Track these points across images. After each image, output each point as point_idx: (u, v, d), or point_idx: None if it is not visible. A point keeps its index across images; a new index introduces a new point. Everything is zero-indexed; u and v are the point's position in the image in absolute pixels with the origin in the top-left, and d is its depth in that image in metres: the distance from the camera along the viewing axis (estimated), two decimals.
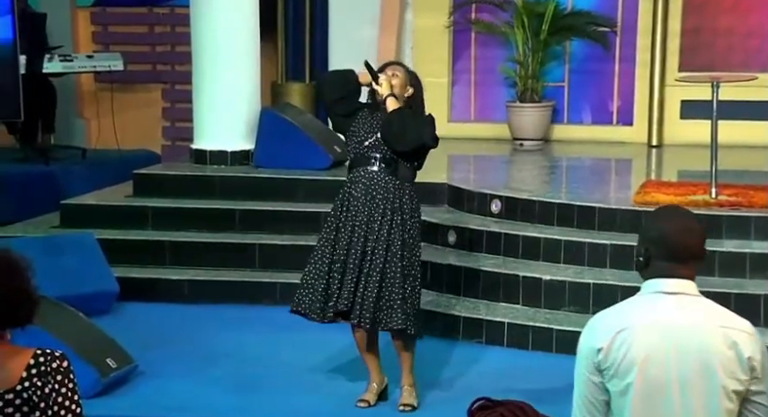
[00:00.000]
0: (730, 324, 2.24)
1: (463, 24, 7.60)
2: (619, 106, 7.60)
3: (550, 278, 4.97)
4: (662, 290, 2.24)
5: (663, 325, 2.21)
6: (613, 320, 2.24)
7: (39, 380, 1.98)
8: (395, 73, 4.08)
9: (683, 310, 2.23)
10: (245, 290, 5.47)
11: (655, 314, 2.22)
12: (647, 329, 2.20)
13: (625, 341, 2.19)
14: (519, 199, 5.54)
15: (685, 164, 6.68)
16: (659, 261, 2.25)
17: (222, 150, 6.42)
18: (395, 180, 4.00)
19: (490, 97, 7.70)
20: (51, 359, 2.01)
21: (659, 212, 2.39)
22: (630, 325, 2.21)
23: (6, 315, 2.04)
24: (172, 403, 4.13)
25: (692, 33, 7.40)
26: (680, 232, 2.25)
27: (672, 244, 2.25)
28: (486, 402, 1.67)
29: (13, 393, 1.99)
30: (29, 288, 2.06)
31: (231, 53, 6.34)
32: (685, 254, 2.25)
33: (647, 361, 2.18)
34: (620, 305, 2.30)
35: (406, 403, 4.04)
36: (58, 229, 5.92)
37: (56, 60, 7.31)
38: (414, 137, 3.95)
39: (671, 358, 2.19)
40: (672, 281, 2.24)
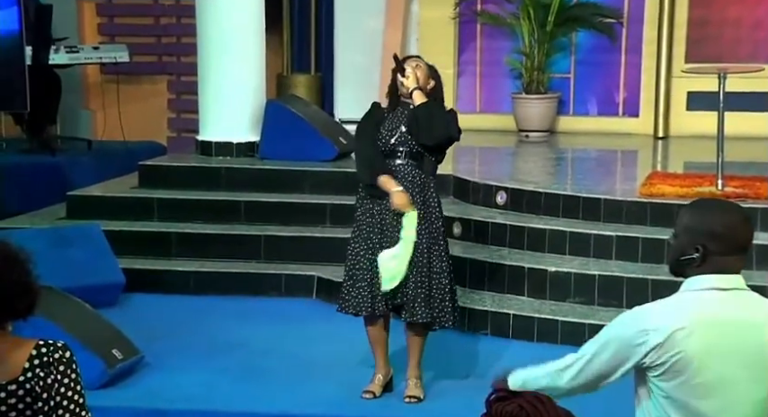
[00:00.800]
0: None
1: (469, 16, 7.58)
2: (625, 97, 7.58)
3: (556, 269, 4.96)
4: (715, 287, 2.20)
5: (721, 323, 2.17)
6: (673, 315, 2.17)
7: (41, 371, 1.98)
8: (418, 64, 4.07)
9: (739, 307, 2.20)
10: (251, 282, 5.48)
11: (713, 312, 2.18)
12: (706, 327, 2.16)
13: (682, 338, 2.15)
14: (524, 190, 5.53)
15: (691, 156, 6.66)
16: (719, 257, 2.20)
17: (228, 142, 6.42)
18: (421, 173, 4.02)
19: (496, 89, 7.69)
20: (54, 350, 2.01)
21: (712, 206, 2.30)
22: (689, 323, 2.16)
23: (5, 308, 2.03)
24: (178, 394, 4.15)
25: (698, 24, 7.37)
26: (741, 224, 2.22)
27: (739, 237, 2.22)
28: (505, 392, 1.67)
29: (16, 384, 1.99)
30: (28, 280, 2.05)
31: (237, 45, 6.33)
32: (746, 247, 2.23)
33: (705, 360, 2.15)
34: (674, 300, 2.22)
35: (412, 395, 4.06)
36: (64, 221, 5.93)
37: (62, 52, 7.32)
38: (441, 130, 3.95)
39: (729, 356, 2.16)
40: (726, 277, 2.21)
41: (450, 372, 4.39)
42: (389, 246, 3.98)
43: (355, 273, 4.03)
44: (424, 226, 3.97)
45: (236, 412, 4.00)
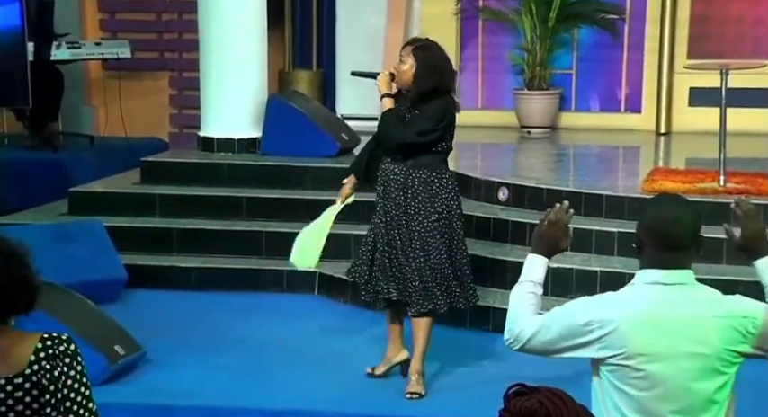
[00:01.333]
0: (724, 312, 2.24)
1: (471, 11, 7.57)
2: (627, 94, 7.57)
3: (558, 265, 4.96)
4: (658, 282, 2.25)
5: (658, 320, 2.22)
6: (614, 312, 2.25)
7: (47, 364, 1.99)
8: (401, 58, 4.08)
9: (679, 303, 2.24)
10: (253, 278, 5.48)
11: (651, 309, 2.23)
12: (644, 324, 2.21)
13: (620, 334, 2.21)
14: (526, 186, 5.53)
15: (693, 152, 6.66)
16: (652, 250, 2.27)
17: (229, 138, 6.42)
18: (403, 170, 4.07)
19: (498, 85, 7.68)
20: (59, 343, 2.01)
21: (654, 201, 2.41)
22: (626, 319, 2.22)
23: (4, 304, 2.03)
24: (180, 389, 4.15)
25: (700, 21, 7.36)
26: (669, 222, 2.26)
27: (662, 235, 2.26)
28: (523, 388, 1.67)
29: (23, 377, 1.99)
30: (27, 275, 2.05)
31: (238, 41, 6.33)
32: (675, 244, 2.25)
33: (643, 356, 2.20)
34: (618, 295, 2.31)
35: (413, 391, 4.07)
36: (65, 217, 5.93)
37: (63, 47, 7.31)
38: (398, 137, 4.03)
39: (670, 351, 2.20)
40: (668, 272, 2.25)
41: (451, 368, 4.39)
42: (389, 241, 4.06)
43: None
44: (399, 220, 4.04)
45: (237, 407, 4.01)
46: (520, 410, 1.61)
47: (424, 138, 4.03)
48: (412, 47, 4.08)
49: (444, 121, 4.06)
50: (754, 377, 2.36)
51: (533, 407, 1.60)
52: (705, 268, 4.82)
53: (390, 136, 4.05)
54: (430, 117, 4.04)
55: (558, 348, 2.29)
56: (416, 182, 4.05)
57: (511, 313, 2.37)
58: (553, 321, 2.31)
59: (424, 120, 4.03)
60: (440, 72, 4.04)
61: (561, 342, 2.29)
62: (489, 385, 4.20)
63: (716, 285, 4.96)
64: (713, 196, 5.15)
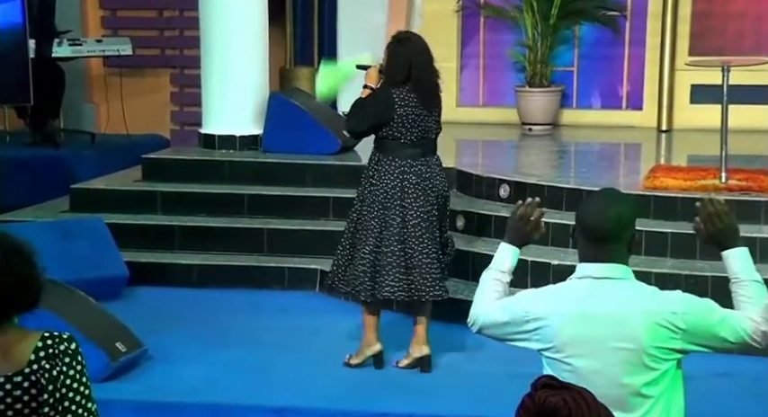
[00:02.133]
0: (654, 307, 2.25)
1: (472, 8, 7.56)
2: (628, 91, 7.57)
3: (559, 262, 4.96)
4: (589, 275, 2.29)
5: (586, 315, 2.25)
6: (545, 304, 2.30)
7: (47, 362, 1.98)
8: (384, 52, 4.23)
9: (607, 297, 2.26)
10: (254, 275, 5.48)
11: (579, 304, 2.26)
12: (571, 317, 2.25)
13: (551, 328, 2.26)
14: (528, 183, 5.53)
15: (695, 149, 6.65)
16: (582, 242, 2.31)
17: (231, 135, 6.42)
18: (373, 155, 4.23)
19: (499, 82, 7.67)
20: (59, 342, 2.01)
21: (590, 194, 2.46)
22: (557, 313, 2.26)
23: (8, 302, 2.03)
24: (181, 387, 4.15)
25: (702, 17, 7.35)
26: (591, 214, 2.30)
27: (583, 225, 2.30)
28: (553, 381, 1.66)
29: (22, 375, 1.99)
30: (31, 272, 2.04)
31: (240, 38, 6.32)
32: (596, 237, 2.28)
33: (571, 351, 2.24)
34: (553, 289, 2.36)
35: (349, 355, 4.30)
36: (67, 214, 5.94)
37: (65, 45, 7.31)
38: (346, 126, 4.32)
39: (593, 348, 2.23)
40: (598, 266, 2.27)
41: (451, 365, 4.39)
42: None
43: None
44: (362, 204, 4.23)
45: (239, 404, 4.01)
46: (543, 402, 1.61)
47: (358, 126, 4.20)
48: (391, 41, 4.20)
49: (379, 108, 4.13)
50: (754, 376, 2.35)
51: (557, 404, 1.60)
52: (706, 265, 4.83)
53: (347, 123, 4.31)
54: (362, 105, 4.19)
55: (507, 336, 2.37)
56: (369, 165, 4.24)
57: (476, 297, 2.46)
58: (504, 310, 2.38)
59: (356, 108, 4.21)
60: (404, 65, 4.10)
61: (508, 331, 2.36)
62: (489, 382, 4.20)
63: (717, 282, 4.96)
64: (715, 193, 5.15)
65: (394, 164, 4.16)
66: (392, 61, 4.10)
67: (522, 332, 2.32)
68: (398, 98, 4.13)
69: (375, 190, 4.17)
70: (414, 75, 4.10)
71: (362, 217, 4.18)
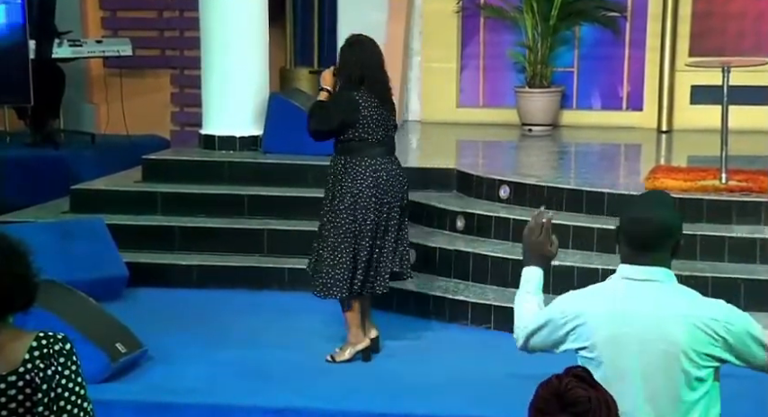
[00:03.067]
0: (696, 312, 2.23)
1: (472, 9, 7.56)
2: (628, 91, 7.56)
3: (559, 263, 4.95)
4: (631, 277, 2.26)
5: (625, 315, 2.23)
6: (584, 302, 2.29)
7: (41, 362, 1.98)
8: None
9: (648, 299, 2.24)
10: (254, 275, 5.48)
11: (620, 303, 2.24)
12: (610, 318, 2.23)
13: (589, 327, 2.23)
14: (527, 184, 5.52)
15: (695, 150, 6.65)
16: (623, 247, 2.29)
17: (231, 135, 6.42)
18: (334, 158, 4.33)
19: (499, 82, 7.67)
20: (54, 342, 2.00)
21: (634, 198, 2.47)
22: (596, 312, 2.24)
23: (3, 301, 2.02)
24: (181, 387, 4.15)
25: (702, 18, 7.35)
26: (634, 222, 2.27)
27: (626, 233, 2.28)
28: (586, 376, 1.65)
29: (16, 375, 1.99)
30: (26, 272, 2.04)
31: (240, 38, 6.33)
32: (638, 244, 2.26)
33: (609, 350, 2.22)
34: (593, 288, 2.34)
35: (331, 354, 4.38)
36: (67, 214, 5.93)
37: (65, 45, 7.32)
38: (308, 129, 4.31)
39: (632, 348, 2.21)
40: (640, 269, 2.25)
41: (451, 366, 4.39)
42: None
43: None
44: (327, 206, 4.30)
45: (238, 405, 4.01)
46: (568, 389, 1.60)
47: (321, 126, 4.25)
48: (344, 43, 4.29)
49: (343, 110, 4.22)
50: (756, 378, 2.35)
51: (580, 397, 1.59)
52: (707, 266, 4.83)
53: (307, 126, 4.31)
54: (324, 108, 4.26)
55: (550, 342, 2.34)
56: (338, 168, 4.28)
57: (515, 317, 2.44)
58: (542, 315, 2.36)
59: (317, 110, 4.27)
60: (356, 68, 4.21)
61: (550, 337, 2.34)
62: (491, 382, 4.20)
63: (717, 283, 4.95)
64: (715, 194, 5.15)
65: (364, 163, 4.24)
66: (344, 63, 4.22)
67: (561, 335, 2.30)
68: (361, 99, 4.23)
69: (347, 192, 4.23)
70: (367, 77, 4.22)
71: (336, 221, 4.24)
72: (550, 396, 1.60)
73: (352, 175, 4.22)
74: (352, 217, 4.22)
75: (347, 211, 4.22)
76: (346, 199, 4.22)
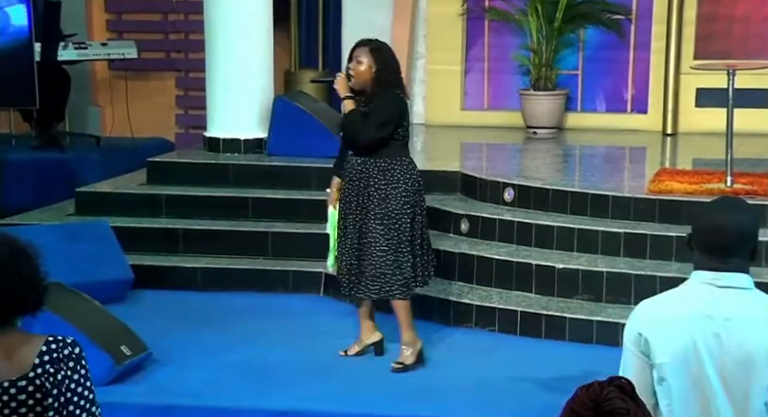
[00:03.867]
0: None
1: (477, 12, 7.56)
2: (633, 94, 7.55)
3: (563, 266, 4.96)
4: (711, 283, 2.20)
5: (708, 318, 2.17)
6: (659, 309, 2.22)
7: (51, 367, 1.98)
8: (357, 59, 4.29)
9: (731, 304, 2.19)
10: (259, 278, 5.49)
11: (701, 307, 2.19)
12: (690, 320, 2.17)
13: (670, 332, 2.17)
14: (532, 187, 5.52)
15: (700, 153, 6.64)
16: (700, 254, 2.23)
17: (235, 138, 6.43)
18: (365, 164, 4.29)
19: (503, 85, 7.67)
20: (63, 346, 2.00)
21: (709, 204, 2.33)
22: (674, 316, 2.18)
23: (13, 305, 2.03)
24: (186, 389, 4.16)
25: (707, 20, 7.34)
26: (710, 231, 2.22)
27: (705, 239, 2.22)
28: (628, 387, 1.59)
29: (26, 380, 1.98)
30: (36, 275, 2.04)
31: (244, 41, 6.33)
32: (716, 251, 2.21)
33: (689, 353, 2.16)
34: (668, 293, 2.27)
35: (398, 361, 4.32)
36: (73, 217, 5.94)
37: (70, 48, 7.33)
38: (360, 139, 4.27)
39: (713, 350, 2.16)
40: (720, 275, 2.20)
41: (455, 369, 4.38)
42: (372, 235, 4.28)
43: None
44: (360, 211, 4.27)
45: (243, 407, 4.01)
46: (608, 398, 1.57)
47: (384, 131, 4.24)
48: (368, 48, 4.29)
49: (399, 111, 4.29)
50: None
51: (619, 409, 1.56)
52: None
53: (357, 136, 4.26)
54: (386, 109, 4.25)
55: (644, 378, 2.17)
56: (375, 171, 4.26)
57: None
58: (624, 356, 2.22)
59: (382, 113, 4.24)
60: (395, 71, 4.30)
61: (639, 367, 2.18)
62: (493, 385, 4.19)
63: None
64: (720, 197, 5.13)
65: (404, 162, 4.31)
66: (383, 66, 4.24)
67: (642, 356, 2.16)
68: (405, 101, 4.34)
69: (395, 193, 4.25)
70: (400, 79, 4.33)
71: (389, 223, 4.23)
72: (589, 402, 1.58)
73: (397, 175, 4.25)
74: (407, 215, 4.24)
75: (401, 210, 4.24)
76: (397, 199, 4.23)
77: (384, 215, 4.24)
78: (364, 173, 4.28)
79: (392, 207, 4.24)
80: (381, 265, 4.24)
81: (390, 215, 4.24)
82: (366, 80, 4.25)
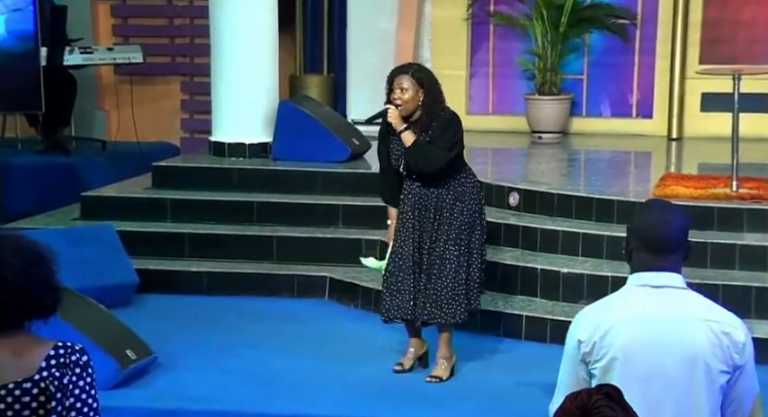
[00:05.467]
0: (715, 318, 2.23)
1: (482, 16, 7.56)
2: (638, 99, 7.55)
3: (568, 271, 4.95)
4: (647, 283, 2.25)
5: (646, 319, 2.21)
6: (599, 314, 2.26)
7: (57, 371, 1.99)
8: (401, 87, 4.21)
9: (667, 304, 2.23)
10: (264, 282, 5.49)
11: (638, 309, 2.23)
12: (631, 323, 2.21)
13: (608, 335, 2.21)
14: (537, 191, 5.52)
15: (706, 157, 6.63)
16: (639, 253, 2.27)
17: (240, 142, 6.44)
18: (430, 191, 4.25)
19: (509, 90, 7.67)
20: (71, 352, 2.01)
21: (643, 205, 2.42)
22: (614, 320, 2.22)
23: (33, 307, 2.03)
24: (191, 393, 4.16)
25: (713, 25, 7.33)
26: (656, 225, 2.26)
27: (648, 237, 2.26)
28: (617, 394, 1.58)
29: (31, 382, 1.99)
30: (53, 279, 2.05)
31: (250, 45, 6.34)
32: (661, 247, 2.25)
33: (630, 355, 2.20)
34: (607, 298, 2.32)
35: (433, 375, 4.26)
36: (78, 221, 5.95)
37: (76, 52, 7.34)
38: (435, 166, 4.20)
39: (653, 352, 2.19)
40: (657, 274, 2.24)
41: (461, 374, 4.38)
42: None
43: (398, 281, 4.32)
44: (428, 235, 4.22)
45: (248, 412, 4.01)
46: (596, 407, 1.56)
47: (455, 151, 4.24)
48: (409, 74, 4.22)
49: (460, 127, 4.29)
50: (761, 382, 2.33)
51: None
52: (718, 274, 4.81)
53: (432, 165, 4.19)
54: (450, 130, 4.23)
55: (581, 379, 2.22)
56: (446, 190, 4.24)
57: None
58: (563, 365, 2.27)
59: (449, 135, 4.22)
60: (440, 90, 4.27)
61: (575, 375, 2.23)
62: (498, 391, 4.19)
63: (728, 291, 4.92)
64: (726, 201, 5.13)
65: (473, 175, 4.34)
66: (429, 88, 4.20)
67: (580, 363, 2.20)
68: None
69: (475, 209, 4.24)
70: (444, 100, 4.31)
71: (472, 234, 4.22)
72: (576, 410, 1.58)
73: (467, 192, 4.23)
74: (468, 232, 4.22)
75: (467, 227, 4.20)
76: (465, 215, 4.20)
77: (456, 235, 4.18)
78: (434, 197, 4.21)
79: (462, 224, 4.19)
80: (455, 286, 4.18)
81: (461, 235, 4.19)
82: (415, 107, 4.19)
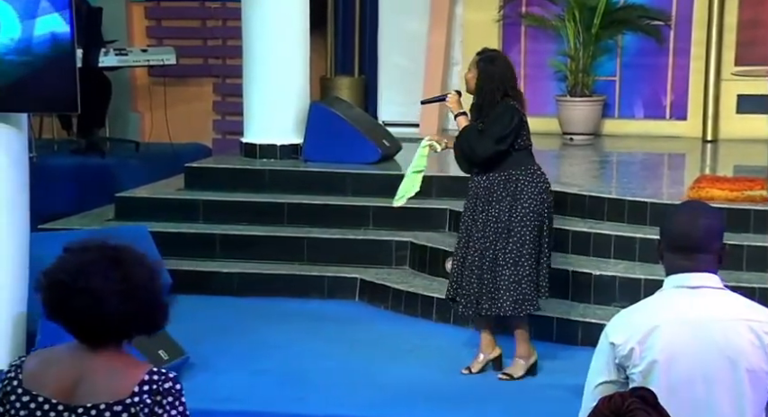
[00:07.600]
0: (756, 317, 2.20)
1: (513, 18, 7.54)
2: (672, 100, 7.48)
3: (600, 273, 4.91)
4: (684, 285, 2.23)
5: (686, 321, 2.19)
6: (638, 317, 2.23)
7: (149, 398, 1.95)
8: (469, 69, 4.28)
9: (707, 305, 2.21)
10: (294, 284, 5.51)
11: (678, 311, 2.21)
12: (671, 326, 2.19)
13: (649, 338, 2.18)
14: (569, 193, 5.48)
15: (741, 160, 6.55)
16: (668, 254, 2.25)
17: (272, 144, 6.46)
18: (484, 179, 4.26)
19: (540, 91, 7.63)
20: (165, 380, 1.98)
21: (676, 207, 2.40)
22: (656, 323, 2.19)
23: (148, 321, 1.99)
24: (222, 394, 4.18)
25: (748, 26, 7.24)
26: (682, 224, 2.25)
27: (673, 236, 2.25)
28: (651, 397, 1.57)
29: (122, 405, 1.95)
30: (163, 295, 2.01)
31: (281, 47, 6.37)
32: (687, 247, 2.22)
33: (672, 358, 2.17)
34: (645, 301, 2.29)
35: (505, 372, 4.29)
36: (112, 222, 6.01)
37: (111, 54, 7.42)
38: (478, 155, 4.21)
39: (695, 353, 2.17)
40: (692, 276, 2.22)
41: (488, 375, 4.36)
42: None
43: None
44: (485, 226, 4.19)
45: (279, 412, 4.02)
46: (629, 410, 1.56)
47: (502, 145, 4.19)
48: (478, 58, 4.25)
49: (514, 122, 4.22)
50: None
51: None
52: (754, 276, 4.74)
53: (474, 152, 4.21)
54: (500, 122, 4.19)
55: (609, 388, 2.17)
56: (500, 184, 4.20)
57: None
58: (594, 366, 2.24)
59: (497, 127, 4.18)
60: (504, 81, 4.19)
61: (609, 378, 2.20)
62: (530, 392, 4.16)
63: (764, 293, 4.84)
64: (761, 204, 5.06)
65: (530, 171, 4.26)
66: (489, 78, 4.17)
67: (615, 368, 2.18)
68: (519, 107, 4.26)
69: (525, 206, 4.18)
70: (511, 89, 4.24)
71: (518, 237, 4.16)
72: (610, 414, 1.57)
73: (521, 186, 4.18)
74: (530, 228, 4.17)
75: (524, 223, 4.16)
76: (520, 211, 4.16)
77: (508, 229, 4.15)
78: (489, 189, 4.20)
79: (516, 220, 4.16)
80: (507, 279, 4.15)
81: (514, 228, 4.16)
82: (472, 88, 4.23)
